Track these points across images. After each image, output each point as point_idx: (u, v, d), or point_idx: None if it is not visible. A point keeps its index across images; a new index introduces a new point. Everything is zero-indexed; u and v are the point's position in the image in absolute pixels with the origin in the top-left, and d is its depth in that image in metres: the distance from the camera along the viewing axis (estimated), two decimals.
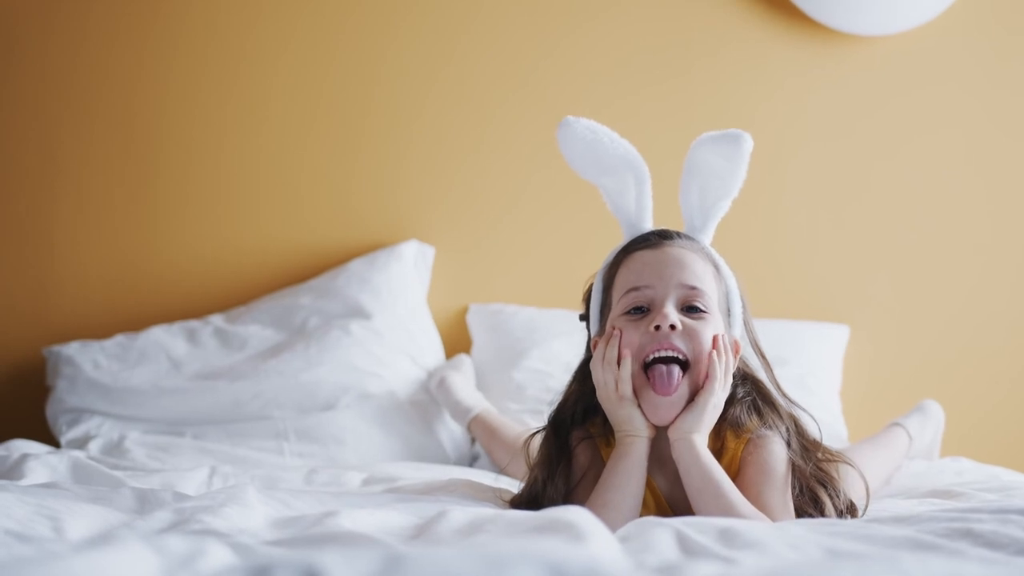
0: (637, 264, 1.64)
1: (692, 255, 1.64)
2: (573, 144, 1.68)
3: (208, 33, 2.86)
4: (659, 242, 1.65)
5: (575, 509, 1.28)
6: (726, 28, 2.87)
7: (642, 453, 1.60)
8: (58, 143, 2.86)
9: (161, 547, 1.01)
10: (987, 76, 2.89)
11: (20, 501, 1.39)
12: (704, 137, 1.64)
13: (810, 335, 2.78)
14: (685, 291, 1.61)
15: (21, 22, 2.84)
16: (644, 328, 1.59)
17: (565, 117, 1.68)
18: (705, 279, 1.63)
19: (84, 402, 2.56)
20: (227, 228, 2.87)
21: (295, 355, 2.58)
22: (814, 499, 1.63)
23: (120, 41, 2.86)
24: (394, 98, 2.87)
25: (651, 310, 1.61)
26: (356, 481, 2.08)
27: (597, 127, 1.67)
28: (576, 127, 1.67)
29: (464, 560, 0.87)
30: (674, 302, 1.60)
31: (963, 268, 2.90)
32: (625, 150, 1.68)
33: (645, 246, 1.65)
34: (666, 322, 1.58)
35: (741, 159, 1.61)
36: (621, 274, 1.65)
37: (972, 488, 1.95)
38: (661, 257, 1.63)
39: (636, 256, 1.65)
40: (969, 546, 1.23)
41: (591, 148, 1.67)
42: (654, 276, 1.61)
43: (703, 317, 1.60)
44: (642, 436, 1.60)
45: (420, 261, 2.82)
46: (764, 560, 1.15)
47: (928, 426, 2.50)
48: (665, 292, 1.60)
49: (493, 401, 2.68)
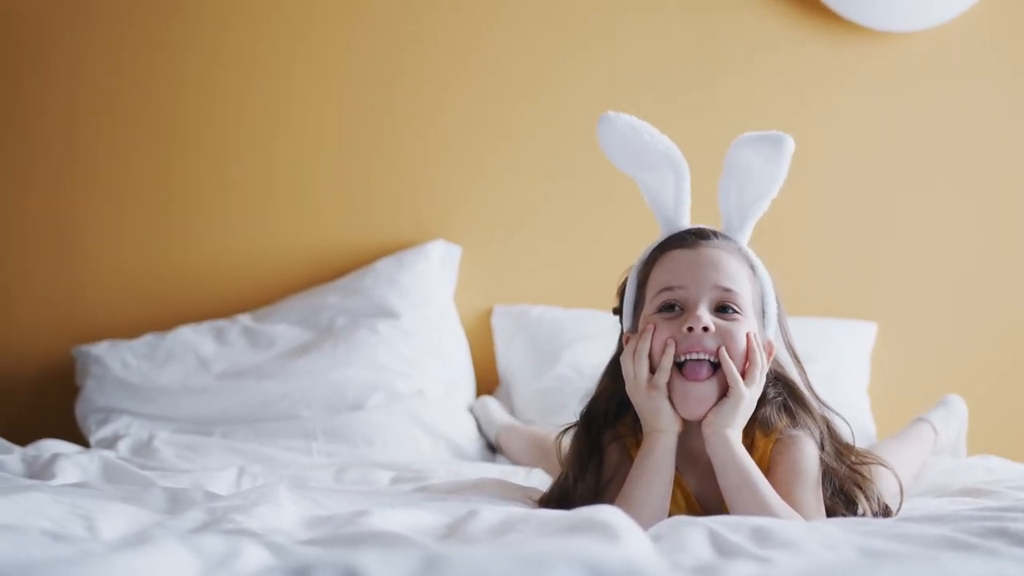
0: (672, 263, 1.63)
1: (728, 256, 1.63)
2: (613, 139, 1.68)
3: (249, 36, 2.86)
4: (695, 242, 1.64)
5: (607, 508, 1.28)
6: (758, 29, 2.86)
7: (669, 449, 1.59)
8: (87, 146, 2.87)
9: (198, 547, 1.02)
10: (1020, 68, 2.87)
11: (54, 501, 1.40)
12: (745, 137, 1.64)
13: (838, 332, 2.77)
14: (719, 292, 1.60)
15: (55, 26, 2.85)
16: (677, 328, 1.59)
17: (606, 112, 1.67)
18: (740, 280, 1.62)
19: (113, 401, 2.57)
20: (255, 228, 2.88)
21: (323, 354, 2.59)
22: (848, 501, 1.63)
23: (155, 43, 2.86)
24: (421, 97, 2.87)
25: (684, 310, 1.60)
26: (385, 480, 2.08)
27: (638, 123, 1.67)
28: (616, 123, 1.67)
29: (501, 560, 0.87)
30: (708, 303, 1.60)
31: (991, 265, 2.88)
32: (665, 146, 1.67)
33: (681, 245, 1.64)
34: (699, 324, 1.57)
35: (782, 161, 1.60)
36: (656, 272, 1.65)
37: (1003, 486, 1.94)
38: (696, 258, 1.62)
39: (672, 255, 1.64)
40: (1005, 545, 1.22)
41: (631, 144, 1.67)
42: (688, 276, 1.61)
43: (736, 319, 1.60)
44: (669, 431, 1.60)
45: (447, 261, 2.82)
46: (800, 560, 1.14)
47: (952, 421, 2.50)
48: (699, 293, 1.60)
49: (517, 404, 2.70)
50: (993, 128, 2.88)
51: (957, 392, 2.78)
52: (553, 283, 2.88)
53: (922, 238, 2.88)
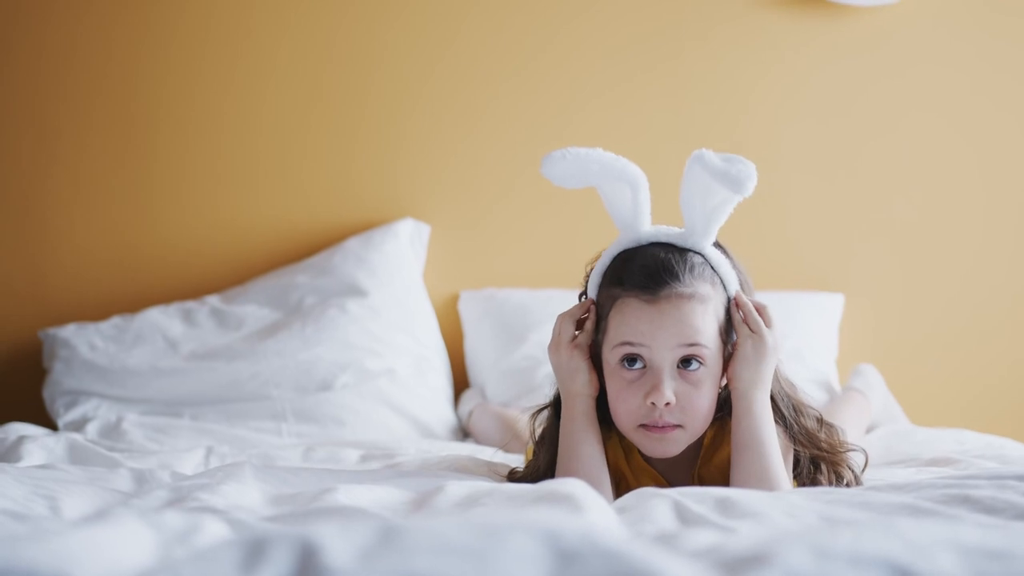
0: (632, 318, 1.56)
1: (690, 304, 1.56)
2: (562, 178, 1.59)
3: (206, 14, 2.84)
4: (655, 296, 1.55)
5: (572, 481, 1.29)
6: (718, 4, 2.86)
7: (587, 412, 1.60)
8: (53, 124, 2.85)
9: (158, 523, 1.01)
10: (984, 45, 2.88)
11: (17, 481, 1.39)
12: (707, 159, 1.53)
13: (805, 305, 2.77)
14: (683, 349, 1.55)
15: (19, 3, 2.82)
16: (640, 400, 1.55)
17: (548, 154, 1.57)
18: (705, 328, 1.56)
19: (81, 384, 2.55)
20: (222, 208, 2.86)
21: (292, 334, 2.58)
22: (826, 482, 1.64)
23: (117, 21, 2.84)
24: (391, 78, 2.86)
25: (647, 367, 1.56)
26: (354, 458, 2.08)
27: (583, 154, 1.57)
28: (561, 163, 1.57)
29: (460, 530, 0.87)
30: (670, 365, 1.55)
31: (958, 235, 2.89)
32: (619, 167, 1.59)
33: (641, 295, 1.56)
34: (661, 400, 1.54)
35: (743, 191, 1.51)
36: (615, 318, 1.58)
37: (971, 456, 1.95)
38: (657, 316, 1.55)
39: (632, 306, 1.57)
40: (967, 512, 1.23)
41: (579, 175, 1.59)
42: (649, 336, 1.55)
43: (699, 378, 1.56)
44: (585, 394, 1.60)
45: (416, 239, 2.82)
46: (761, 528, 1.15)
47: (875, 388, 2.57)
48: (662, 355, 1.55)
49: (489, 386, 2.70)
50: (958, 99, 2.89)
51: (926, 363, 2.81)
52: (520, 263, 2.88)
53: (887, 209, 2.89)
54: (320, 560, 0.83)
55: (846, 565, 0.88)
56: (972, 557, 0.91)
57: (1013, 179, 2.90)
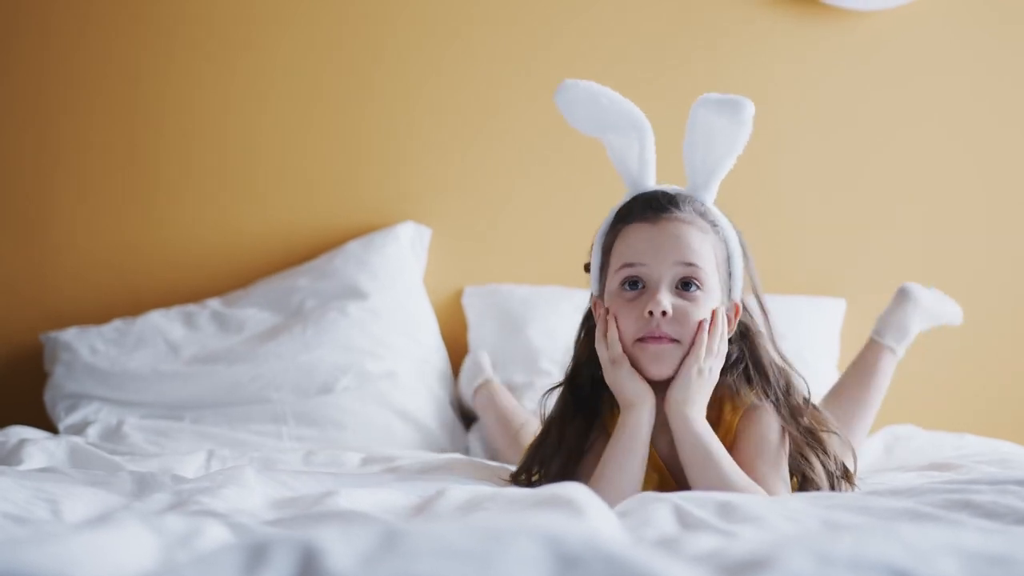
0: (634, 239, 1.63)
1: (689, 228, 1.63)
2: (572, 105, 1.69)
3: (209, 14, 2.85)
4: (656, 216, 1.63)
5: (573, 485, 1.29)
6: (723, 9, 2.85)
7: (642, 423, 1.60)
8: (55, 126, 2.85)
9: (159, 527, 1.01)
10: (987, 50, 2.88)
11: (18, 485, 1.39)
12: (706, 99, 1.62)
13: (807, 309, 2.77)
14: (681, 268, 1.61)
15: (22, 3, 2.83)
16: (638, 313, 1.60)
17: (563, 80, 1.68)
18: (702, 252, 1.62)
19: (82, 387, 2.55)
20: (223, 212, 2.86)
21: (292, 337, 2.58)
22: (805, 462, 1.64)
23: (120, 22, 2.84)
24: (392, 81, 2.86)
25: (646, 287, 1.61)
26: (355, 462, 2.08)
27: (596, 87, 1.68)
28: (574, 89, 1.68)
29: (462, 535, 0.87)
30: (669, 282, 1.61)
31: (960, 240, 2.89)
32: (627, 108, 1.67)
33: (643, 219, 1.64)
34: (658, 308, 1.58)
35: (743, 123, 1.60)
36: (618, 245, 1.65)
37: (971, 460, 1.95)
38: (657, 234, 1.62)
39: (633, 229, 1.64)
40: (968, 517, 1.24)
41: (591, 107, 1.68)
42: (650, 253, 1.61)
43: (696, 297, 1.61)
44: (640, 404, 1.60)
45: (417, 242, 2.82)
46: (762, 533, 1.15)
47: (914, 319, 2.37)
48: (660, 272, 1.61)
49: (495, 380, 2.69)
50: (961, 106, 2.89)
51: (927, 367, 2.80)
52: (521, 265, 2.87)
53: (890, 214, 2.89)
54: (322, 564, 0.83)
55: (847, 570, 0.88)
56: (973, 562, 0.91)
57: (1016, 185, 2.90)
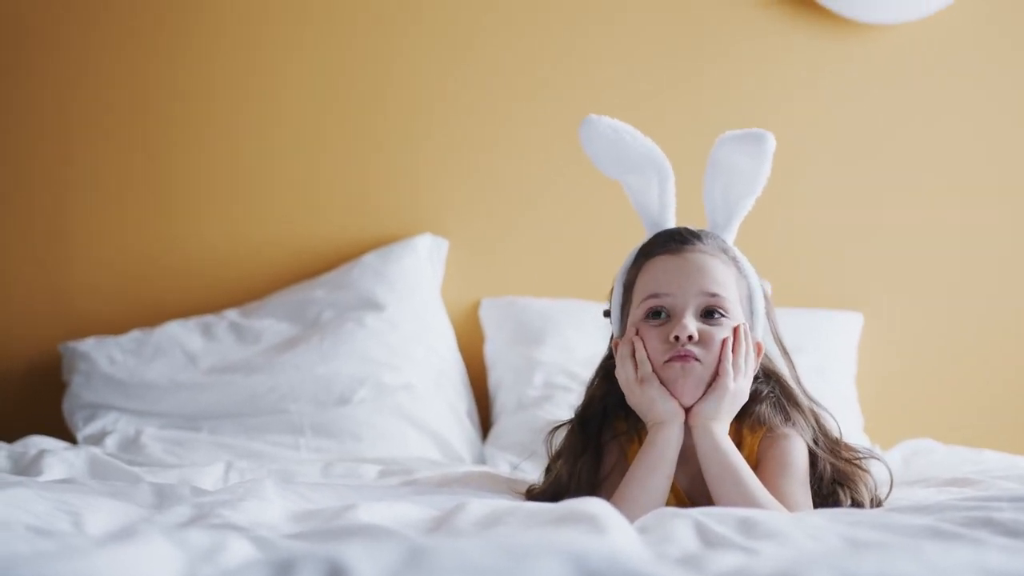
0: (658, 270, 1.63)
1: (712, 259, 1.63)
2: (595, 142, 1.69)
3: (221, 29, 2.86)
4: (679, 248, 1.63)
5: (594, 501, 1.28)
6: (740, 22, 2.86)
7: (670, 441, 1.58)
8: (73, 139, 2.86)
9: (183, 541, 1.02)
10: (1009, 62, 2.87)
11: (39, 496, 1.39)
12: (727, 136, 1.64)
13: (825, 323, 2.77)
14: (705, 298, 1.60)
15: (35, 18, 2.84)
16: (664, 337, 1.59)
17: (588, 116, 1.68)
18: (726, 283, 1.62)
19: (100, 398, 2.56)
20: (241, 223, 2.87)
21: (310, 348, 2.58)
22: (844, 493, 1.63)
23: (134, 35, 2.86)
24: (409, 92, 2.87)
25: (671, 317, 1.61)
26: (372, 474, 2.08)
27: (619, 125, 1.68)
28: (598, 125, 1.67)
29: (486, 552, 0.87)
30: (694, 310, 1.60)
31: (977, 253, 2.88)
32: (647, 148, 1.68)
33: (666, 251, 1.64)
34: (684, 332, 1.58)
35: (764, 158, 1.61)
36: (642, 278, 1.65)
37: (990, 476, 1.94)
38: (682, 264, 1.62)
39: (657, 261, 1.64)
40: (989, 535, 1.23)
41: (613, 146, 1.68)
42: (674, 284, 1.61)
43: (721, 323, 1.60)
44: (670, 421, 1.59)
45: (434, 254, 2.82)
46: (785, 550, 1.14)
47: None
48: (685, 301, 1.60)
49: (511, 393, 2.68)
50: (979, 120, 2.88)
51: (944, 382, 2.79)
52: (539, 277, 2.87)
53: (908, 228, 2.88)
54: None
55: None
56: None
57: None
